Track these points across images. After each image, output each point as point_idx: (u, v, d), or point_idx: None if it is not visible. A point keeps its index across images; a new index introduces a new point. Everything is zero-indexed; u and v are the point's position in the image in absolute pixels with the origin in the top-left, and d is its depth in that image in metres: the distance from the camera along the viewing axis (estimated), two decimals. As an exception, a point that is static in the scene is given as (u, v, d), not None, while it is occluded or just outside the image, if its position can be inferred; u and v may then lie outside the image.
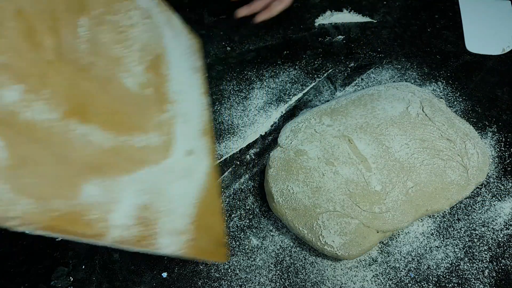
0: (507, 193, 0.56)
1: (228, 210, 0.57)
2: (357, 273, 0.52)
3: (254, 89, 0.68)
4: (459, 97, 0.64)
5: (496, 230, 0.53)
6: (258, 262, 0.53)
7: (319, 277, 0.52)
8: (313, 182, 0.52)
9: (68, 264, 0.55)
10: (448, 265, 0.51)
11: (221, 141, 0.63)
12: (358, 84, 0.67)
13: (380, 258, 0.52)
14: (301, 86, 0.68)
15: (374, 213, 0.50)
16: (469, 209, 0.55)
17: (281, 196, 0.52)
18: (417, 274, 0.51)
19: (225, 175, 0.60)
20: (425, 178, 0.52)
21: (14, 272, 0.55)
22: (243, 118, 0.65)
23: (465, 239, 0.53)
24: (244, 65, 0.71)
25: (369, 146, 0.53)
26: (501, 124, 0.61)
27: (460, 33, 0.71)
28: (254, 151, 0.62)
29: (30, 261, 0.55)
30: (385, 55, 0.70)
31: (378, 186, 0.51)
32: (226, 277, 0.53)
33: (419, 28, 0.73)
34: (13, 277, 0.54)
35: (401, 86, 0.60)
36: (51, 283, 0.53)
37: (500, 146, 0.59)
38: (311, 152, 0.54)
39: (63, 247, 0.56)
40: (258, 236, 0.55)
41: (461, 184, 0.52)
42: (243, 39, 0.74)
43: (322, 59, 0.70)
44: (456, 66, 0.68)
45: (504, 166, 0.58)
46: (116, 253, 0.55)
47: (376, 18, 0.75)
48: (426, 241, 0.53)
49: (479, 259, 0.51)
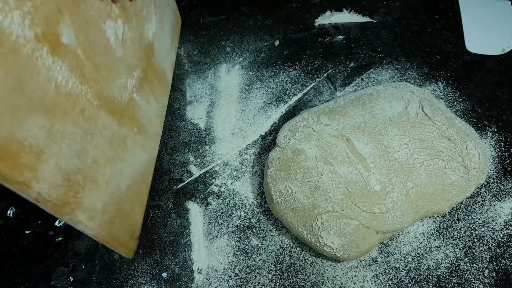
0: (507, 193, 0.56)
1: (228, 210, 0.57)
2: (357, 273, 0.52)
3: (254, 89, 0.68)
4: (459, 97, 0.64)
5: (496, 230, 0.53)
6: (258, 262, 0.53)
7: (319, 277, 0.52)
8: (311, 181, 0.52)
9: (68, 264, 0.55)
10: (448, 265, 0.51)
11: (221, 141, 0.63)
12: (358, 84, 0.67)
13: (380, 258, 0.52)
14: (301, 86, 0.68)
15: (374, 214, 0.50)
16: (469, 209, 0.55)
17: (280, 197, 0.52)
18: (417, 274, 0.51)
19: (225, 175, 0.60)
20: (425, 179, 0.52)
21: (14, 272, 0.55)
22: (243, 118, 0.65)
23: (465, 239, 0.53)
24: (244, 65, 0.71)
25: (368, 146, 0.53)
26: (501, 124, 0.61)
27: (460, 33, 0.71)
28: (254, 151, 0.62)
29: (30, 261, 0.55)
30: (385, 55, 0.70)
31: (378, 186, 0.51)
32: (225, 277, 0.53)
33: (419, 28, 0.73)
34: (13, 277, 0.54)
35: (400, 86, 0.60)
36: (51, 283, 0.53)
37: (500, 146, 0.59)
38: (309, 152, 0.54)
39: (63, 247, 0.56)
40: (258, 236, 0.55)
41: (462, 186, 0.52)
42: (243, 39, 0.74)
43: (322, 59, 0.70)
44: (456, 66, 0.68)
45: (504, 166, 0.58)
46: (116, 253, 0.55)
47: (376, 18, 0.75)
48: (426, 241, 0.53)
49: (479, 259, 0.51)
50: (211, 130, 0.65)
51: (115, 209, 0.43)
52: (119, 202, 0.44)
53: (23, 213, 0.59)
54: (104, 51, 0.42)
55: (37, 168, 0.32)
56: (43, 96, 0.32)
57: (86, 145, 0.38)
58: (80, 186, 0.38)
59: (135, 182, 0.48)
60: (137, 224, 0.48)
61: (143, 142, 0.51)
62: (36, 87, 0.31)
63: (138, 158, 0.49)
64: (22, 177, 0.30)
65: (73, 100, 0.36)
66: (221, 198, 0.59)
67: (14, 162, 0.29)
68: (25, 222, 0.58)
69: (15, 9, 0.29)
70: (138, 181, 0.49)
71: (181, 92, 0.69)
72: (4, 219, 0.59)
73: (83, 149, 0.38)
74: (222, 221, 0.57)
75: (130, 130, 0.47)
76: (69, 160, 0.36)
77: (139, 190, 0.49)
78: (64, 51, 0.35)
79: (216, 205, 0.58)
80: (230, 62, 0.71)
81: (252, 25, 0.76)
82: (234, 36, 0.74)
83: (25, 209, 0.59)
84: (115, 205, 0.43)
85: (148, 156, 0.52)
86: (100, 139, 0.41)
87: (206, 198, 0.59)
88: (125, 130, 0.46)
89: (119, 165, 0.45)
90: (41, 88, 0.32)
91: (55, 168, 0.34)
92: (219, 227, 0.56)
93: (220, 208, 0.58)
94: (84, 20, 0.38)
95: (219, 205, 0.58)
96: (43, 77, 0.32)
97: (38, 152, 0.32)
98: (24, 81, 0.30)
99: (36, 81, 0.31)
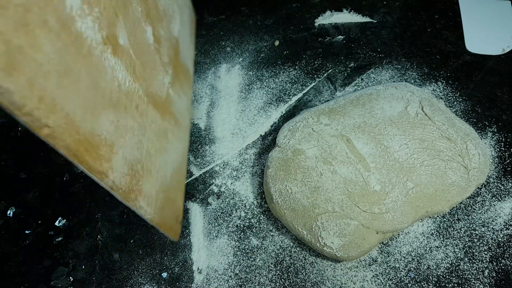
0: (507, 193, 0.56)
1: (228, 210, 0.57)
2: (357, 273, 0.52)
3: (254, 89, 0.68)
4: (459, 97, 0.64)
5: (496, 230, 0.53)
6: (258, 262, 0.53)
7: (319, 277, 0.52)
8: (311, 181, 0.52)
9: (68, 264, 0.55)
10: (448, 265, 0.51)
11: (221, 141, 0.63)
12: (358, 84, 0.67)
13: (380, 258, 0.52)
14: (301, 86, 0.68)
15: (374, 214, 0.50)
16: (469, 209, 0.55)
17: (280, 197, 0.52)
18: (417, 274, 0.51)
19: (225, 175, 0.60)
20: (425, 179, 0.52)
21: (14, 272, 0.55)
22: (243, 118, 0.65)
23: (465, 239, 0.53)
24: (244, 65, 0.71)
25: (367, 146, 0.53)
26: (501, 124, 0.61)
27: (460, 33, 0.71)
28: (254, 151, 0.62)
29: (30, 261, 0.55)
30: (385, 55, 0.70)
31: (377, 186, 0.51)
32: (225, 277, 0.53)
33: (419, 28, 0.73)
34: (13, 277, 0.54)
35: (400, 86, 0.60)
36: (51, 283, 0.53)
37: (500, 146, 0.59)
38: (308, 152, 0.54)
39: (63, 247, 0.56)
40: (258, 236, 0.55)
41: (462, 186, 0.52)
42: (243, 39, 0.74)
43: (322, 59, 0.70)
44: (456, 66, 0.68)
45: (504, 166, 0.58)
46: (116, 253, 0.55)
47: (376, 18, 0.75)
48: (426, 241, 0.53)
49: (479, 259, 0.51)
50: (211, 130, 0.65)
51: (164, 196, 0.47)
52: (166, 190, 0.48)
53: (23, 213, 0.59)
54: (147, 51, 0.46)
55: (111, 159, 0.36)
56: (110, 94, 0.36)
57: (141, 138, 0.42)
58: (140, 175, 0.42)
59: (176, 171, 0.52)
60: (180, 209, 0.52)
61: (179, 134, 0.54)
62: (106, 85, 0.35)
63: (176, 149, 0.53)
64: (102, 167, 0.34)
65: (130, 97, 0.40)
66: (221, 198, 0.58)
67: (96, 154, 0.33)
68: (25, 222, 0.58)
69: (88, 15, 0.32)
70: (178, 170, 0.52)
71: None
72: (4, 219, 0.59)
73: (140, 142, 0.42)
74: (222, 221, 0.57)
75: (169, 123, 0.51)
76: (131, 151, 0.40)
77: (179, 178, 0.53)
78: (121, 52, 0.38)
79: (216, 205, 0.58)
80: (230, 62, 0.71)
81: (252, 25, 0.76)
82: (234, 36, 0.74)
83: (25, 209, 0.59)
84: (164, 192, 0.47)
85: (183, 147, 0.55)
86: (150, 132, 0.45)
87: (206, 198, 0.59)
88: (166, 123, 0.50)
89: (164, 156, 0.49)
90: (109, 86, 0.36)
91: (123, 159, 0.38)
92: (219, 227, 0.56)
93: (220, 208, 0.58)
94: (132, 22, 0.42)
95: (219, 205, 0.58)
96: (110, 76, 0.36)
97: (111, 145, 0.36)
98: (98, 80, 0.34)
99: (105, 80, 0.35)
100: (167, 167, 0.49)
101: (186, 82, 0.59)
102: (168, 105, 0.52)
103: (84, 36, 0.32)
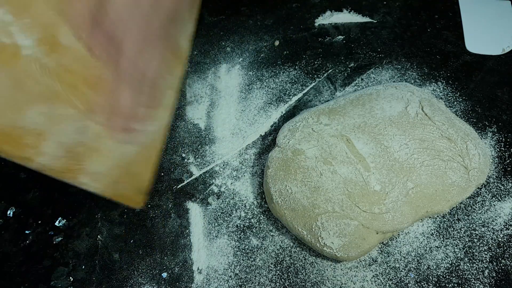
0: (507, 193, 0.56)
1: (228, 210, 0.57)
2: (357, 273, 0.52)
3: (254, 89, 0.68)
4: (459, 97, 0.64)
5: (496, 230, 0.53)
6: (258, 262, 0.53)
7: (319, 277, 0.52)
8: (311, 181, 0.52)
9: (68, 264, 0.55)
10: (448, 265, 0.51)
11: (221, 141, 0.63)
12: (358, 84, 0.67)
13: (380, 258, 0.52)
14: (301, 86, 0.68)
15: (374, 214, 0.50)
16: (469, 209, 0.55)
17: (280, 197, 0.52)
18: (417, 274, 0.51)
19: (225, 175, 0.60)
20: (425, 180, 0.52)
21: (14, 272, 0.55)
22: (243, 118, 0.65)
23: (465, 239, 0.53)
24: (244, 65, 0.71)
25: (367, 146, 0.53)
26: (501, 124, 0.61)
27: (460, 33, 0.71)
28: (254, 151, 0.62)
29: (30, 261, 0.55)
30: (385, 55, 0.70)
31: (377, 186, 0.51)
32: (225, 277, 0.53)
33: (419, 28, 0.73)
34: (13, 277, 0.54)
35: (400, 86, 0.60)
36: (51, 283, 0.54)
37: (500, 146, 0.59)
38: (308, 152, 0.54)
39: (63, 247, 0.56)
40: (258, 236, 0.55)
41: (462, 186, 0.52)
42: (243, 39, 0.74)
43: (322, 59, 0.70)
44: (456, 66, 0.68)
45: (504, 166, 0.58)
46: (116, 253, 0.55)
47: (376, 18, 0.75)
48: (426, 241, 0.53)
49: (479, 259, 0.51)
50: (211, 130, 0.65)
51: (121, 172, 0.49)
52: (126, 165, 0.49)
53: (23, 213, 0.59)
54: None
55: (38, 146, 0.38)
56: (43, 89, 0.37)
57: (86, 123, 0.43)
58: (82, 156, 0.43)
59: (145, 149, 0.52)
60: (145, 181, 0.53)
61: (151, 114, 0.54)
62: (35, 82, 0.37)
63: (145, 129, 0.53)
64: (24, 153, 0.37)
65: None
66: (221, 198, 0.59)
67: (17, 143, 0.37)
68: (25, 222, 0.58)
69: (14, 25, 0.34)
70: (148, 148, 0.53)
71: (181, 92, 0.69)
72: (4, 219, 0.59)
73: (84, 126, 0.43)
74: (222, 221, 0.57)
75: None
76: (70, 136, 0.41)
77: (149, 154, 0.53)
78: (63, 48, 0.39)
79: (216, 205, 0.58)
80: (230, 62, 0.71)
81: (252, 25, 0.76)
82: (234, 36, 0.74)
83: (25, 209, 0.59)
84: (119, 169, 0.49)
85: (158, 124, 0.54)
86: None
87: (206, 198, 0.59)
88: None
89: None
90: (39, 80, 0.37)
91: (56, 143, 0.40)
92: (219, 227, 0.56)
93: (220, 208, 0.58)
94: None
95: (219, 205, 0.58)
96: (41, 71, 0.37)
97: (40, 133, 0.38)
98: (24, 80, 0.36)
99: (33, 77, 0.36)
100: (128, 146, 0.50)
101: (173, 60, 0.57)
102: None
103: (4, 45, 0.34)
